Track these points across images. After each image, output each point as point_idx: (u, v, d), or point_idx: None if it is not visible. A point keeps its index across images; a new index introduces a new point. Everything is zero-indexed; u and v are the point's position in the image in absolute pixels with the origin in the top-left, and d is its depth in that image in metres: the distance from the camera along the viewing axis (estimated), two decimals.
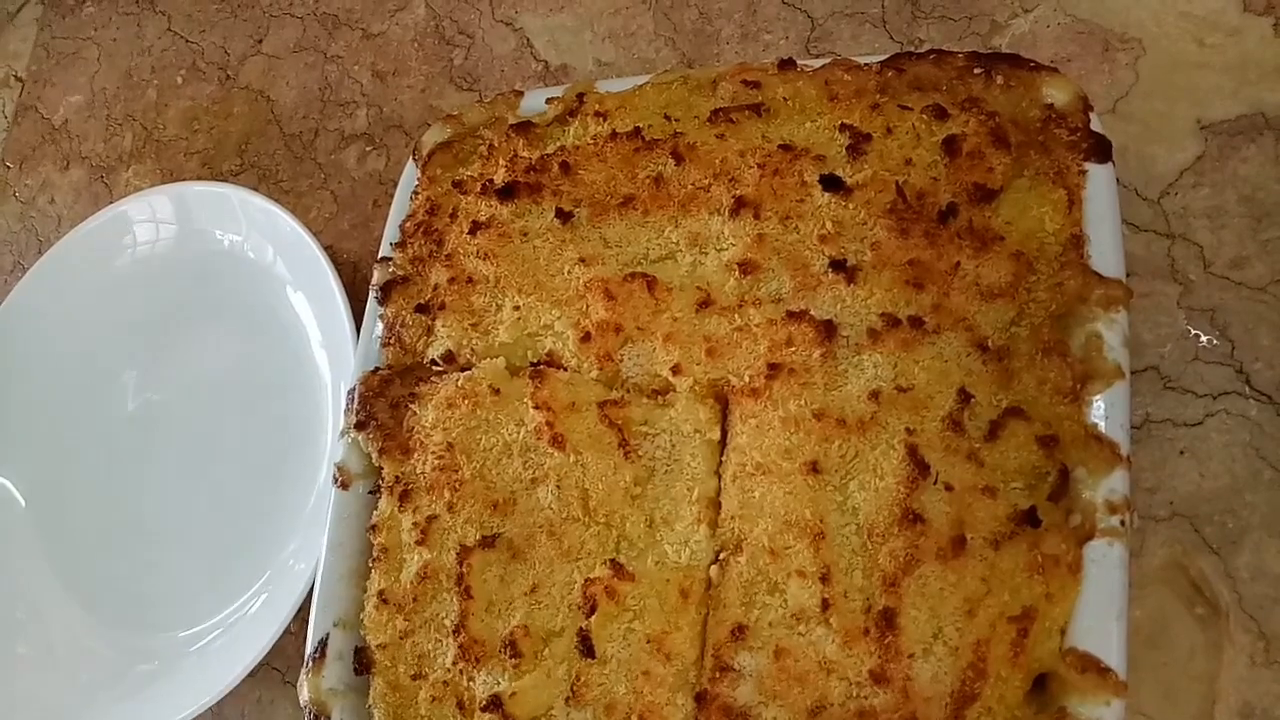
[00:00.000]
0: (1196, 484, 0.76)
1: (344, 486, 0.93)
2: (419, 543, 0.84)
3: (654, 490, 0.79)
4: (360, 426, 0.91)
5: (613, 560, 0.75)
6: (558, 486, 0.80)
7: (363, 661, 0.86)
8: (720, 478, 0.78)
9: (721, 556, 0.75)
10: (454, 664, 0.79)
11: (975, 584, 0.66)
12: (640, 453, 0.80)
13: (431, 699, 0.80)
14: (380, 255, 1.00)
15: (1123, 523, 0.65)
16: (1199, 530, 0.74)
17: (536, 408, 0.82)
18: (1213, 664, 0.71)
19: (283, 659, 1.14)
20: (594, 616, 0.73)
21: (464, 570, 0.80)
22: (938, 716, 0.65)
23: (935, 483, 0.68)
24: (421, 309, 0.93)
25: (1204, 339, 0.79)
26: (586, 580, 0.75)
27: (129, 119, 1.52)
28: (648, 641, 0.72)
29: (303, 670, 0.88)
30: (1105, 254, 0.72)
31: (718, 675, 0.71)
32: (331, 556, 0.91)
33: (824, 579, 0.68)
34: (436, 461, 0.85)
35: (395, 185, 1.06)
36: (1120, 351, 0.69)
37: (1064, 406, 0.68)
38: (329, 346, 1.08)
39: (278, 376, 1.13)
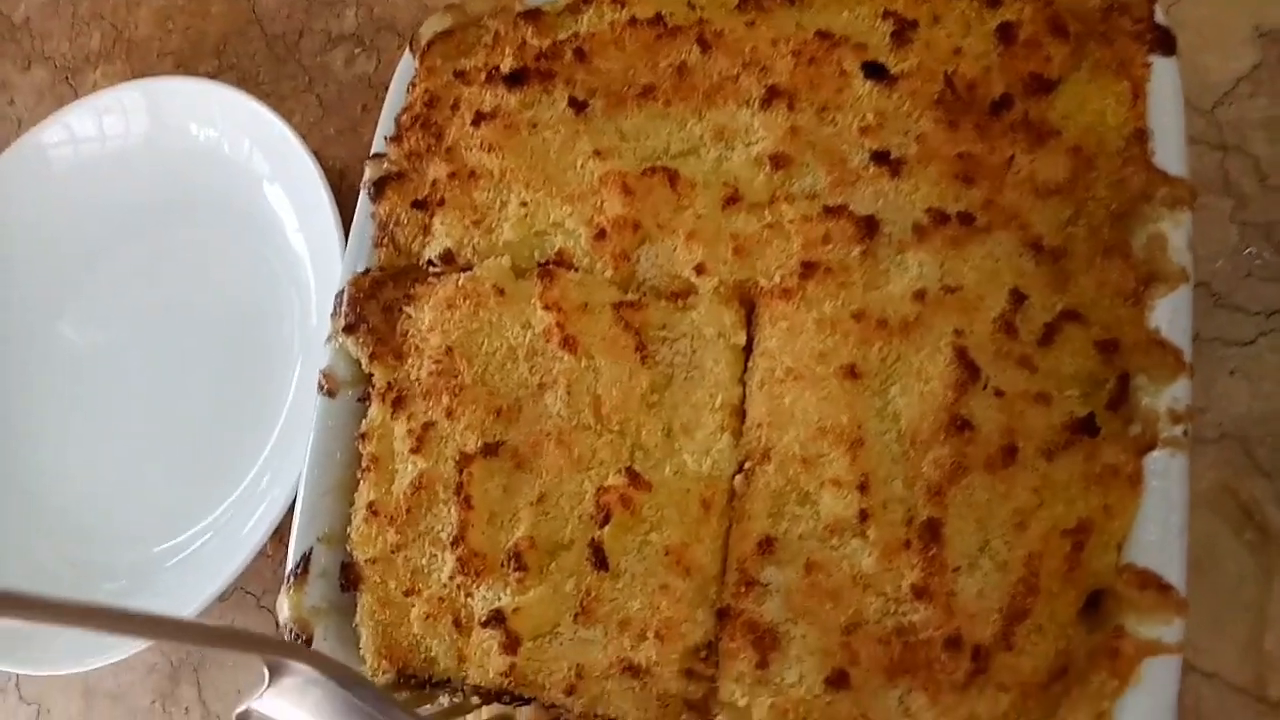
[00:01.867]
0: (1247, 405, 0.71)
1: (330, 394, 0.85)
2: (414, 451, 0.77)
3: (672, 397, 0.72)
4: (349, 330, 0.84)
5: (629, 468, 0.68)
6: (567, 392, 0.73)
7: (349, 577, 0.79)
8: (745, 385, 0.71)
9: (746, 466, 0.68)
10: (451, 579, 0.73)
11: (1026, 495, 0.60)
12: (658, 358, 0.73)
13: (425, 616, 0.74)
14: (373, 152, 0.92)
15: (1185, 433, 0.60)
16: (1250, 453, 0.70)
17: (546, 308, 0.75)
18: (1262, 591, 0.67)
19: (258, 582, 1.07)
20: (607, 527, 0.67)
21: (464, 479, 0.73)
22: (983, 633, 0.59)
23: (985, 388, 0.62)
24: (418, 205, 0.85)
25: (1259, 255, 0.73)
26: (600, 489, 0.68)
27: (97, 17, 1.41)
28: (666, 554, 0.66)
29: (283, 587, 0.81)
30: (1169, 151, 0.66)
31: (742, 590, 0.65)
32: (316, 468, 0.84)
33: (862, 488, 0.63)
34: (434, 366, 0.78)
35: (386, 89, 0.97)
36: (1185, 254, 0.63)
37: (1125, 310, 0.63)
38: (313, 249, 1.00)
39: (256, 283, 1.04)
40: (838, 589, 0.63)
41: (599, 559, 0.66)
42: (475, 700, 0.73)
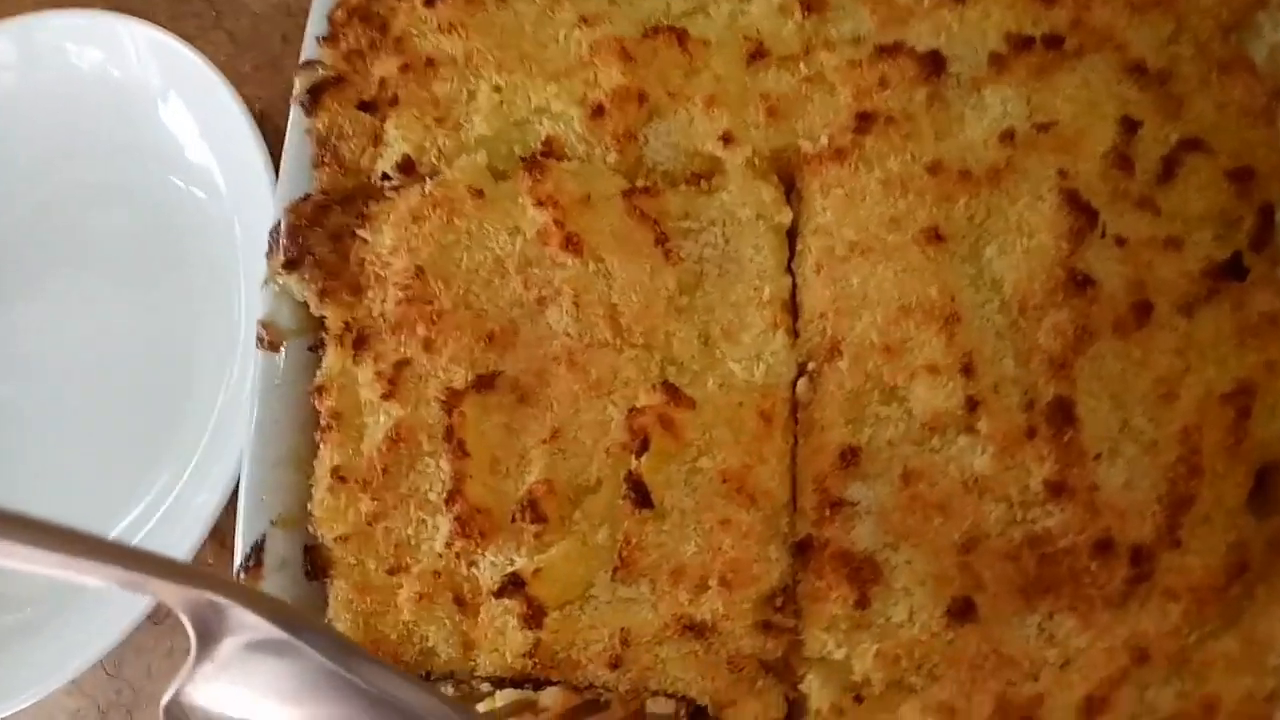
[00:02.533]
0: None
1: (272, 347, 0.70)
2: (386, 397, 0.62)
3: (705, 298, 0.59)
4: (291, 266, 0.69)
5: (665, 383, 0.55)
6: (575, 304, 0.60)
7: (316, 563, 0.64)
8: (793, 274, 0.58)
9: (811, 368, 0.56)
10: (448, 546, 0.58)
11: (1169, 360, 0.50)
12: (682, 254, 0.60)
13: (417, 597, 0.59)
14: (303, 59, 0.76)
15: None
16: None
17: (539, 204, 0.61)
18: None
19: None
20: (645, 457, 0.54)
21: (454, 422, 0.59)
22: (1140, 531, 0.48)
23: (1103, 236, 0.51)
24: (366, 108, 0.70)
25: None
26: (631, 412, 0.55)
27: None
28: (723, 481, 0.53)
29: None
30: None
31: (825, 515, 0.52)
32: (261, 438, 0.69)
33: (965, 372, 0.51)
34: (401, 294, 0.64)
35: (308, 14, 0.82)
36: None
37: (1255, 131, 0.53)
38: (230, 184, 0.84)
39: (163, 232, 0.88)
40: (946, 500, 0.51)
41: (639, 495, 0.53)
42: (486, 687, 0.59)
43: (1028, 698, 0.49)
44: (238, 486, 0.69)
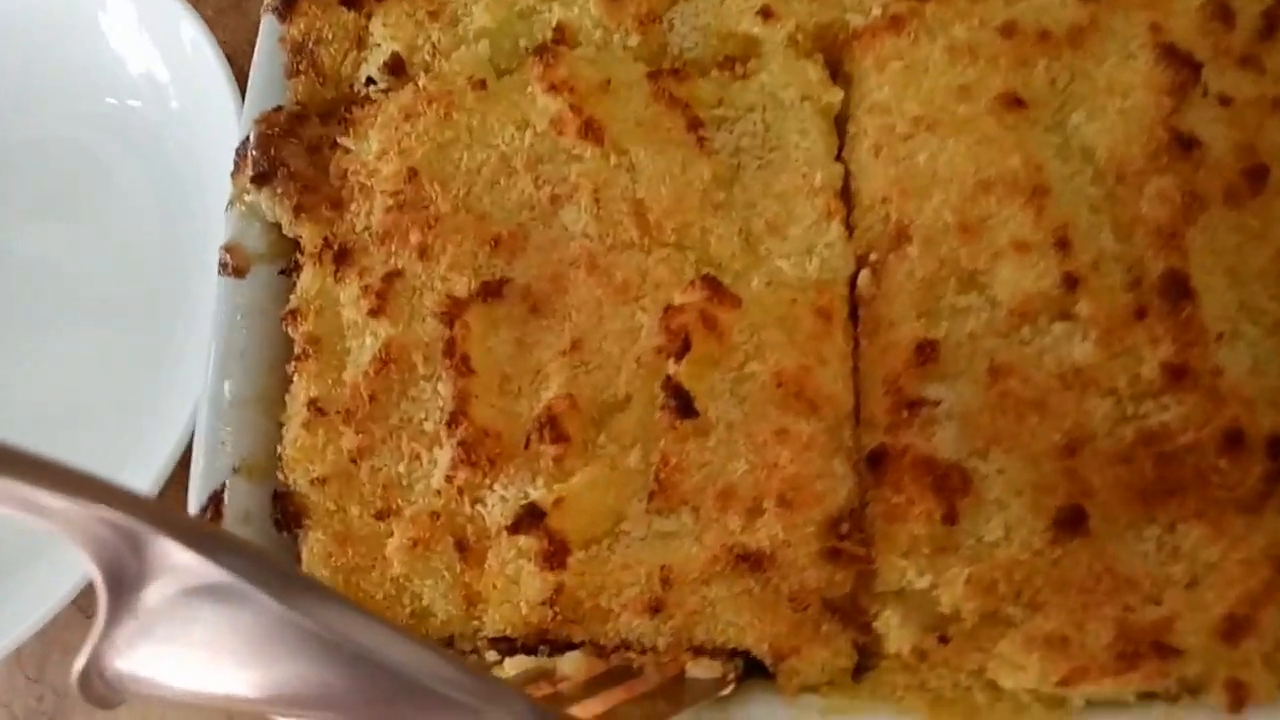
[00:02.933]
0: None
1: (237, 273, 0.62)
2: (374, 313, 0.54)
3: (745, 192, 0.53)
4: (263, 179, 0.61)
5: (706, 276, 0.47)
6: (595, 200, 0.53)
7: (287, 511, 0.55)
8: (845, 161, 0.52)
9: (873, 259, 0.49)
10: (448, 480, 0.50)
11: None
12: (716, 145, 0.53)
13: (410, 544, 0.50)
14: None
15: None
16: None
17: (551, 90, 0.54)
18: None
19: None
20: (684, 360, 0.46)
21: (456, 334, 0.51)
22: (1274, 423, 0.41)
23: (1205, 94, 0.45)
24: (348, 4, 0.62)
25: None
26: (666, 311, 0.47)
27: None
28: (778, 385, 0.46)
29: None
30: None
31: (900, 419, 0.45)
32: (220, 375, 0.60)
33: (1060, 246, 0.44)
34: (391, 200, 0.56)
35: None
36: None
37: None
38: (185, 101, 0.76)
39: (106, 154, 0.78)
40: (1042, 396, 0.44)
41: (680, 403, 0.45)
42: (493, 656, 0.49)
43: (1153, 622, 0.41)
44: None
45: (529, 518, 0.47)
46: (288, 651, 0.31)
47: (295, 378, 0.57)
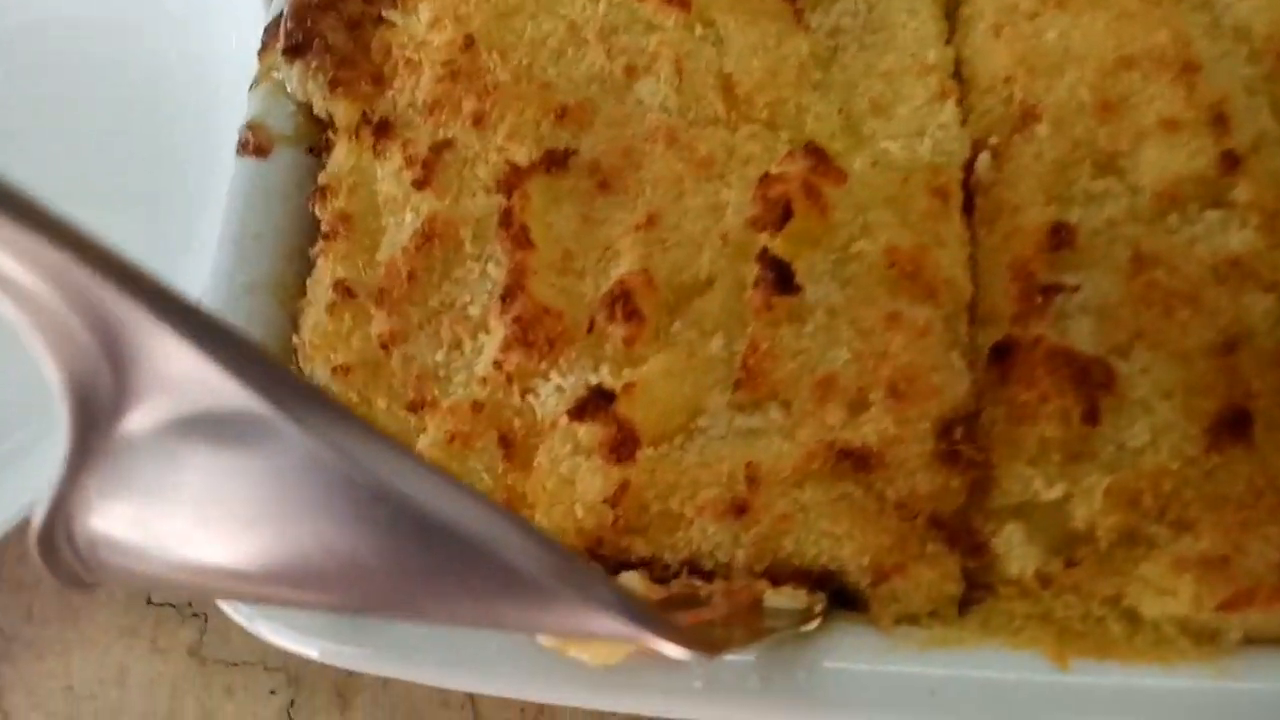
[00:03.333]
0: None
1: (259, 152, 0.56)
2: (420, 185, 0.49)
3: (845, 73, 0.48)
4: (296, 51, 0.56)
5: (809, 145, 0.42)
6: (676, 72, 0.48)
7: None
8: (956, 45, 0.47)
9: (993, 143, 0.44)
10: (496, 366, 0.44)
11: None
12: (813, 24, 0.48)
13: (448, 439, 0.44)
14: None
15: None
16: None
17: None
18: None
19: None
20: (783, 234, 0.40)
21: (515, 205, 0.45)
22: None
23: None
24: None
25: None
26: (765, 178, 0.42)
27: None
28: (890, 265, 0.40)
29: None
30: None
31: (1031, 308, 0.39)
32: (233, 256, 0.55)
33: (1217, 124, 0.39)
34: (443, 70, 0.51)
35: None
36: None
37: None
38: None
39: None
40: (1194, 288, 0.39)
41: (779, 275, 0.39)
42: None
43: None
44: None
45: (596, 400, 0.40)
46: (309, 506, 0.23)
47: (320, 260, 0.51)
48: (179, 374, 0.22)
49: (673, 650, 0.27)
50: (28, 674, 0.62)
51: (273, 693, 0.59)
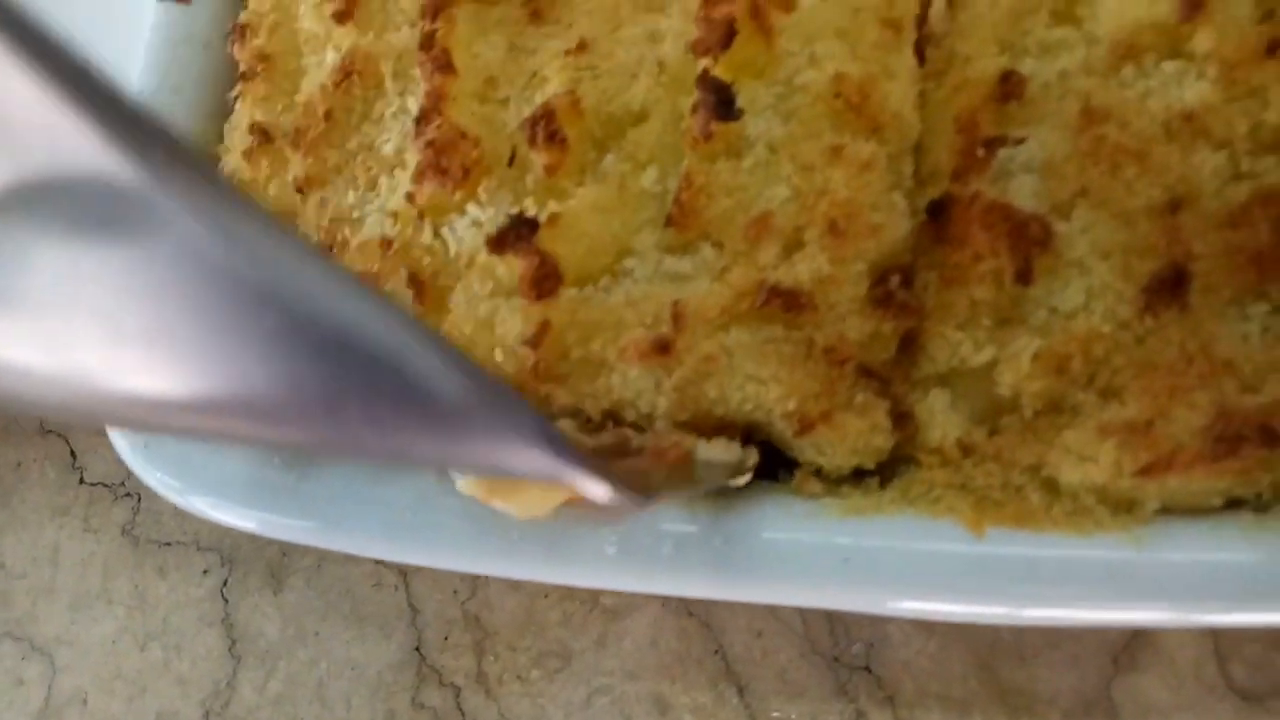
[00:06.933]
0: None
1: None
2: (341, 18, 0.48)
3: None
4: None
5: None
6: None
7: None
8: None
9: None
10: (408, 198, 0.44)
11: None
12: None
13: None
14: None
15: None
16: None
17: None
18: None
19: None
20: (724, 59, 0.40)
21: (439, 29, 0.44)
22: None
23: None
24: None
25: None
26: (704, 4, 0.41)
27: None
28: (835, 95, 0.40)
29: None
30: None
31: (972, 162, 0.40)
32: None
33: None
34: None
35: None
36: None
37: None
38: None
39: None
40: (1143, 145, 0.39)
41: (719, 99, 0.39)
42: None
43: (1258, 407, 0.37)
44: None
45: (517, 229, 0.40)
46: (187, 311, 0.20)
47: (238, 103, 0.51)
48: (20, 121, 0.18)
49: (601, 491, 0.26)
50: None
51: (205, 572, 0.60)
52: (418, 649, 0.55)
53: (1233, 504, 0.38)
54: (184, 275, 0.20)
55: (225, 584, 0.59)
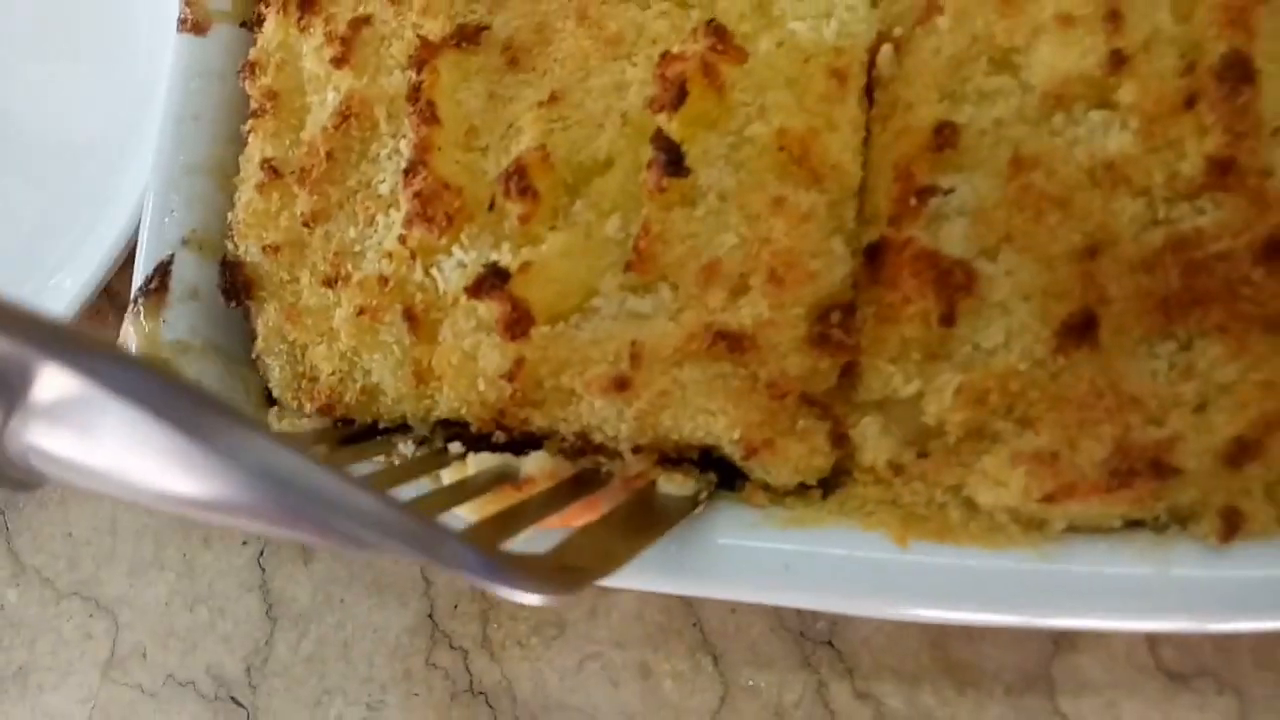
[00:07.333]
0: None
1: (197, 29, 0.61)
2: (338, 63, 0.53)
3: None
4: None
5: (711, 22, 0.45)
6: None
7: (236, 281, 0.55)
8: None
9: (897, 34, 0.47)
10: (400, 241, 0.49)
11: None
12: None
13: (358, 312, 0.50)
14: None
15: None
16: None
17: None
18: None
19: None
20: (679, 115, 0.44)
21: (424, 81, 0.49)
22: None
23: None
24: None
25: None
26: (663, 59, 0.45)
27: None
28: (779, 148, 0.44)
29: (128, 313, 0.56)
30: None
31: (907, 209, 0.44)
32: (174, 138, 0.60)
33: (1110, 20, 0.42)
34: None
35: None
36: None
37: None
38: None
39: None
40: (1067, 192, 0.42)
41: (669, 157, 0.43)
42: (453, 448, 0.50)
43: (1155, 441, 0.41)
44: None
45: (491, 279, 0.46)
46: (198, 471, 0.28)
47: (251, 137, 0.56)
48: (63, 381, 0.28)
49: (532, 599, 0.33)
50: (33, 521, 0.72)
51: (244, 543, 0.68)
52: (430, 616, 0.63)
53: (1135, 524, 0.42)
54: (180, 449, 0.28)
55: (261, 554, 0.67)
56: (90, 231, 0.70)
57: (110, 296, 0.70)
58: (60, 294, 0.68)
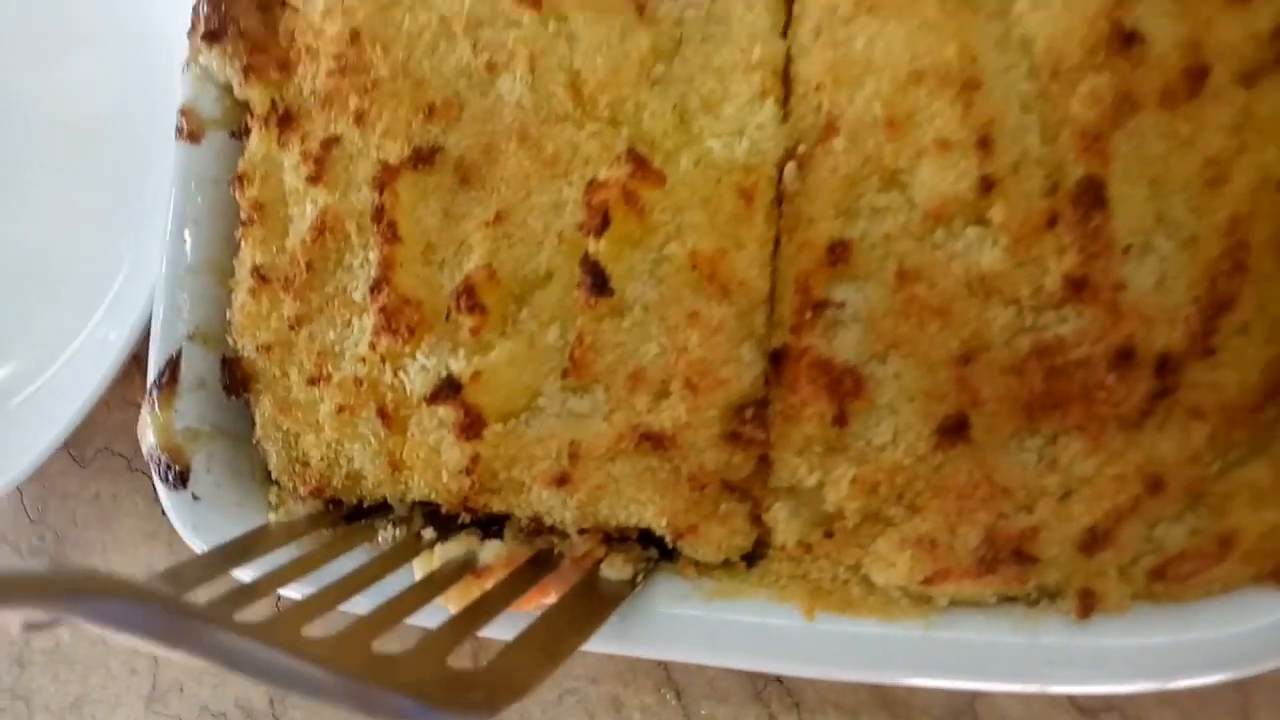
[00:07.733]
0: None
1: (192, 138, 0.67)
2: (313, 180, 0.59)
3: (685, 67, 0.55)
4: (213, 38, 0.65)
5: (630, 151, 0.51)
6: (530, 70, 0.56)
7: (235, 376, 0.62)
8: (788, 42, 0.54)
9: (800, 151, 0.52)
10: (371, 348, 0.56)
11: (1220, 138, 0.45)
12: (659, 14, 0.55)
13: (338, 409, 0.57)
14: None
15: None
16: None
17: None
18: None
19: (129, 440, 0.89)
20: (605, 236, 0.50)
21: (385, 202, 0.55)
22: (1169, 338, 0.45)
23: None
24: None
25: None
26: (590, 186, 0.51)
27: None
28: (693, 267, 0.50)
29: (144, 405, 0.64)
30: None
31: (806, 319, 0.49)
32: (179, 241, 0.67)
33: (982, 146, 0.47)
34: (334, 63, 0.60)
35: None
36: None
37: None
38: None
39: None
40: (946, 303, 0.47)
41: (595, 279, 0.50)
42: (426, 534, 0.57)
43: (1020, 530, 0.46)
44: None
45: (446, 389, 0.53)
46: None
47: (242, 244, 0.63)
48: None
49: None
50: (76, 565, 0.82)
51: None
52: None
53: (1010, 599, 0.48)
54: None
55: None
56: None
57: (137, 361, 0.78)
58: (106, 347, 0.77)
